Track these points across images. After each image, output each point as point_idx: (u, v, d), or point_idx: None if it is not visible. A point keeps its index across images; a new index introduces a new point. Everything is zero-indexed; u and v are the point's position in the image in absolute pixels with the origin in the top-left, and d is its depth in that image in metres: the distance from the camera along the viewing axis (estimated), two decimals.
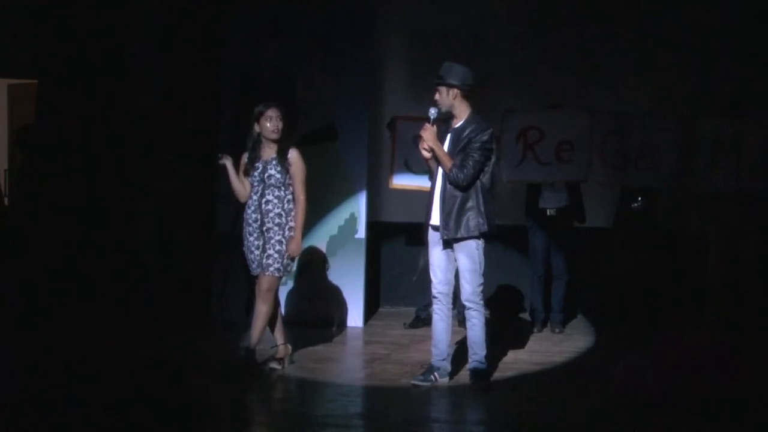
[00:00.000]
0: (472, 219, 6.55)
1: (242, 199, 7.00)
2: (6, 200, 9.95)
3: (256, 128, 6.92)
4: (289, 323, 8.70)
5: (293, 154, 7.01)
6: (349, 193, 8.95)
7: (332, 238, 8.97)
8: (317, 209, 8.96)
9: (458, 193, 6.57)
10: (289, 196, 7.01)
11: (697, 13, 9.10)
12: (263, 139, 6.93)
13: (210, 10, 9.46)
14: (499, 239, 9.60)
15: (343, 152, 8.97)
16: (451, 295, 6.79)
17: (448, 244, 6.63)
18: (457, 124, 6.70)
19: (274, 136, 6.89)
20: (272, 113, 6.88)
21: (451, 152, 6.61)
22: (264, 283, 6.94)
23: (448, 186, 6.59)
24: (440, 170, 6.66)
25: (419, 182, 8.75)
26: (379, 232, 9.71)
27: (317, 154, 8.98)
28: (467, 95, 6.70)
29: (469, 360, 6.75)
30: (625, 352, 6.77)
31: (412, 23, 9.75)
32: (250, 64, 9.11)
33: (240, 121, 8.04)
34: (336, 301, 8.90)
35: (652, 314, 8.67)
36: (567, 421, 5.97)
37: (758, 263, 8.06)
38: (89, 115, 8.94)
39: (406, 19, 9.76)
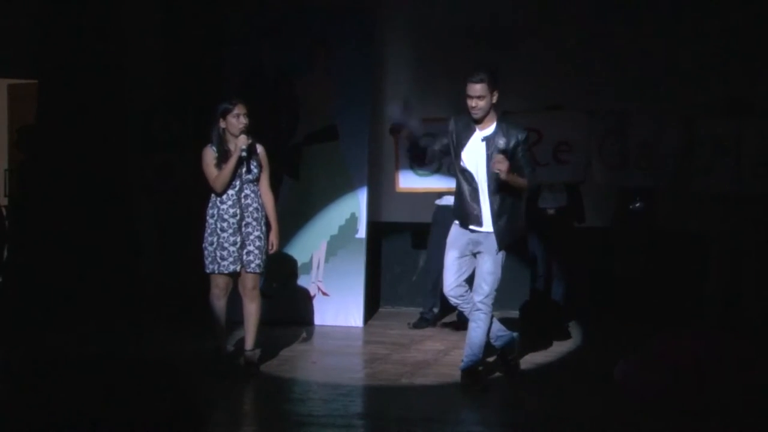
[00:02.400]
0: (519, 224, 6.65)
1: (221, 190, 6.81)
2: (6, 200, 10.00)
3: (222, 124, 6.82)
4: (289, 323, 8.75)
5: (261, 149, 7.01)
6: (350, 192, 8.96)
7: (333, 238, 8.98)
8: (318, 209, 9.00)
9: (508, 200, 6.52)
10: (259, 191, 6.98)
11: (697, 12, 9.10)
12: (229, 136, 6.85)
13: (211, 11, 9.47)
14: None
15: (344, 152, 8.98)
16: (464, 295, 6.74)
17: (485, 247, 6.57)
18: (486, 129, 6.57)
19: (240, 133, 6.81)
20: (239, 110, 6.81)
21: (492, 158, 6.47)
22: (250, 281, 6.92)
23: (496, 194, 6.49)
24: (482, 176, 6.52)
25: (426, 184, 8.78)
26: (379, 232, 9.72)
27: (318, 154, 9.02)
28: None
29: (464, 359, 6.72)
30: (624, 352, 6.78)
31: (413, 24, 9.75)
32: (251, 64, 9.12)
33: None
34: (336, 301, 8.91)
35: (652, 314, 8.67)
36: (567, 421, 5.97)
37: (758, 263, 8.06)
38: (89, 115, 8.94)
39: (407, 19, 9.76)
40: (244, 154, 6.80)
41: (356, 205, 8.97)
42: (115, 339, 8.03)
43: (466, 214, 6.59)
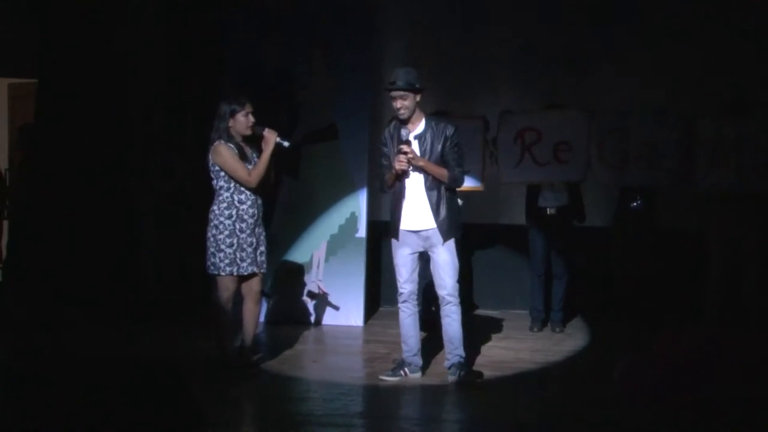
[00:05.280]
0: (457, 219, 6.73)
1: (256, 184, 6.70)
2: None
3: (230, 123, 6.73)
4: (290, 322, 8.76)
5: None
6: (350, 192, 8.97)
7: (333, 237, 8.99)
8: (318, 208, 9.00)
9: (443, 196, 6.64)
10: None
11: (698, 12, 9.11)
12: (234, 135, 6.78)
13: (211, 10, 9.47)
14: (499, 239, 9.66)
15: (343, 151, 8.99)
16: (416, 293, 6.90)
17: (429, 243, 6.69)
18: (416, 129, 6.69)
19: (249, 132, 6.80)
20: (248, 109, 6.77)
21: (425, 158, 6.61)
22: (258, 284, 6.91)
23: (433, 190, 6.63)
24: (415, 176, 6.65)
25: None
26: (379, 231, 9.72)
27: (318, 153, 9.03)
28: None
29: (449, 356, 6.76)
30: (624, 351, 6.78)
31: (412, 23, 9.76)
32: (251, 63, 9.12)
33: None
34: (336, 300, 8.92)
35: (652, 313, 8.68)
36: (567, 420, 5.97)
37: (758, 262, 8.05)
38: (89, 114, 8.93)
39: (406, 18, 9.77)
40: (278, 140, 6.74)
41: (356, 204, 8.98)
42: (116, 339, 8.03)
43: (409, 214, 6.69)
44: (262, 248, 6.88)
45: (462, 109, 9.13)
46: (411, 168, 6.60)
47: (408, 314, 6.86)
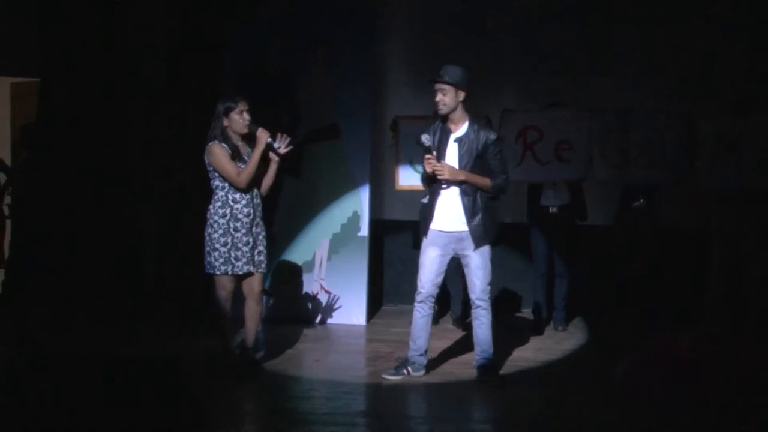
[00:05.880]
0: (493, 224, 6.71)
1: (246, 185, 6.74)
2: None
3: (225, 122, 6.77)
4: (293, 321, 8.77)
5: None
6: (352, 190, 8.99)
7: (335, 236, 9.01)
8: (320, 207, 9.01)
9: (479, 201, 6.62)
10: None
11: (700, 10, 9.11)
12: (231, 134, 6.80)
13: (213, 10, 9.48)
14: (501, 238, 9.65)
15: (346, 151, 9.00)
16: (434, 295, 6.88)
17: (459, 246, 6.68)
18: (458, 130, 6.68)
19: (246, 130, 6.80)
20: (242, 107, 6.78)
21: (464, 162, 6.60)
22: (259, 283, 6.92)
23: (468, 194, 6.61)
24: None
25: None
26: (382, 230, 9.74)
27: (320, 152, 9.04)
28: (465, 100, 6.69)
29: (477, 357, 6.79)
30: (626, 351, 6.79)
31: (414, 22, 9.76)
32: (253, 63, 9.13)
33: None
34: (339, 299, 8.93)
35: (654, 312, 8.67)
36: (568, 420, 5.99)
37: (760, 261, 8.05)
38: (91, 113, 8.95)
39: (408, 18, 9.78)
40: (270, 140, 6.74)
41: (358, 203, 8.99)
42: (118, 338, 8.04)
43: (437, 213, 6.70)
44: (261, 248, 6.88)
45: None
46: (442, 177, 6.57)
47: (422, 315, 6.83)
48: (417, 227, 8.97)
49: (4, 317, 8.80)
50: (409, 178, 8.84)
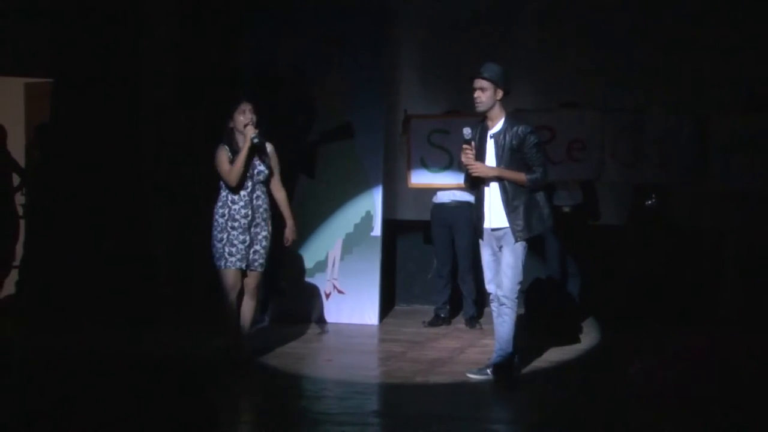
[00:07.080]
0: (540, 217, 6.72)
1: (234, 183, 6.89)
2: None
3: (230, 123, 6.98)
4: (305, 321, 8.78)
5: (271, 148, 7.10)
6: (365, 191, 8.99)
7: (348, 236, 9.01)
8: (333, 207, 9.02)
9: (520, 196, 6.64)
10: (266, 192, 7.10)
11: (712, 8, 9.08)
12: (236, 134, 6.97)
13: (225, 9, 9.50)
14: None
15: (359, 150, 9.01)
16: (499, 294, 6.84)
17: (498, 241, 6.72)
18: (495, 127, 6.70)
19: (242, 127, 6.93)
20: (244, 106, 6.94)
21: (500, 158, 6.63)
22: (254, 280, 7.05)
23: (507, 190, 6.64)
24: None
25: (437, 180, 8.80)
26: (394, 230, 9.74)
27: (333, 152, 9.05)
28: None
29: (494, 354, 6.81)
30: (639, 351, 6.78)
31: (427, 21, 9.76)
32: (265, 62, 9.14)
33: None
34: (351, 299, 8.94)
35: (667, 312, 8.65)
36: (581, 419, 5.98)
37: None
38: (104, 114, 8.97)
39: (421, 16, 9.78)
40: (255, 140, 6.87)
41: (371, 203, 8.99)
42: (129, 337, 8.07)
43: (485, 212, 6.73)
44: (257, 247, 6.99)
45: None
46: (475, 173, 6.65)
47: (495, 315, 6.81)
48: (428, 227, 9.04)
49: (19, 317, 8.83)
50: (421, 176, 8.85)
